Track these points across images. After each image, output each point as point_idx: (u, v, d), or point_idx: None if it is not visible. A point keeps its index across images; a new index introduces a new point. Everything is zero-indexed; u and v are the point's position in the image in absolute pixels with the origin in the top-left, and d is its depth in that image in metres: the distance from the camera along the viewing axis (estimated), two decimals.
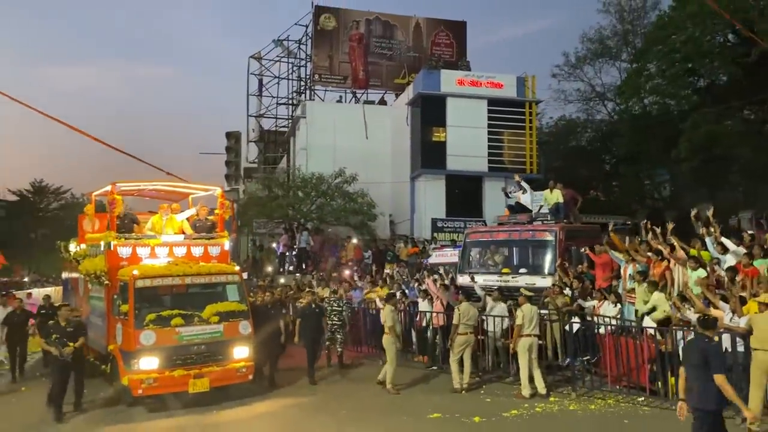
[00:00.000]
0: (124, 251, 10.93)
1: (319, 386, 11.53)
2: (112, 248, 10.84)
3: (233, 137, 24.37)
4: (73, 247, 13.94)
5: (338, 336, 12.85)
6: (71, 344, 9.64)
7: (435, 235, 23.15)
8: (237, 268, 11.59)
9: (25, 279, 40.13)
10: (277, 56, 36.21)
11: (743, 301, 8.84)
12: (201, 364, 9.97)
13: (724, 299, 9.17)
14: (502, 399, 10.08)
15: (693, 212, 11.82)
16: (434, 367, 12.38)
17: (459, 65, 27.81)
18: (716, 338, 6.68)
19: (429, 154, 25.52)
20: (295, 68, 35.96)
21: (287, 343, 12.33)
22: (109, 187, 11.43)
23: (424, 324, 12.98)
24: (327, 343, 12.83)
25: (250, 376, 10.55)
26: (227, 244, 12.00)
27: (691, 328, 9.17)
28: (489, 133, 25.63)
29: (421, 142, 25.71)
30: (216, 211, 12.30)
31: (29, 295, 18.09)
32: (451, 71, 26.25)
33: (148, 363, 9.67)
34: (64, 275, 15.60)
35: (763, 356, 7.53)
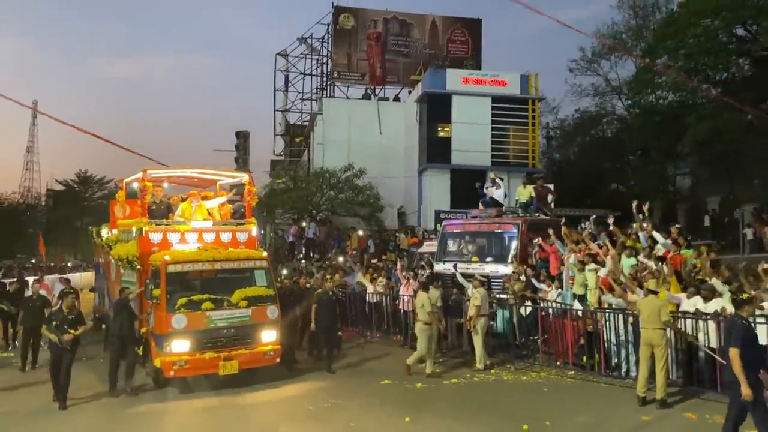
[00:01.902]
0: (156, 237, 11.19)
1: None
2: (143, 234, 11.16)
3: (242, 136, 26.32)
4: (105, 232, 14.38)
5: None
6: (72, 331, 9.58)
7: (438, 226, 24.49)
8: (264, 253, 11.87)
9: (69, 264, 42.89)
10: (302, 53, 37.96)
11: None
12: (230, 347, 10.20)
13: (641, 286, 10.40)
14: (451, 371, 11.49)
15: (634, 203, 12.88)
16: (406, 345, 13.81)
17: (465, 64, 28.97)
18: (751, 318, 7.09)
19: (435, 150, 26.93)
20: (318, 65, 37.70)
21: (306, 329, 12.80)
22: (140, 174, 11.80)
23: (400, 306, 14.45)
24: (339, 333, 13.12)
25: (278, 359, 10.78)
26: (255, 230, 12.29)
27: (611, 311, 10.51)
28: (492, 129, 26.90)
29: (427, 138, 27.12)
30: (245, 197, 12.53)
31: (61, 279, 19.78)
32: (456, 70, 27.55)
33: (180, 345, 9.93)
34: (96, 260, 16.16)
35: (645, 333, 8.78)
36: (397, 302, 14.61)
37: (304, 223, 24.14)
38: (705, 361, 9.33)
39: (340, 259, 19.86)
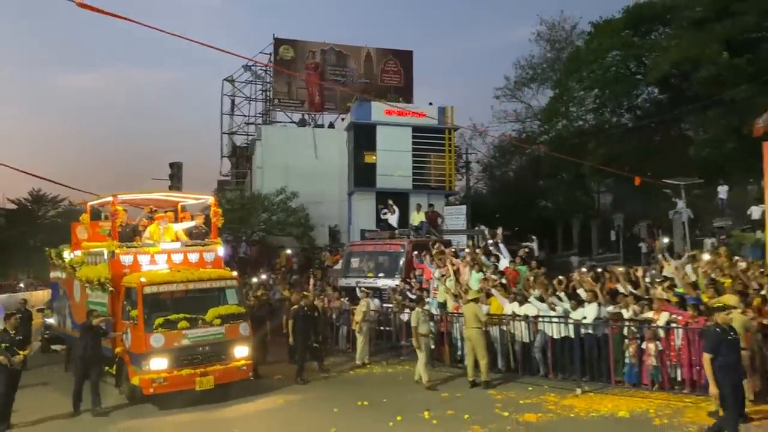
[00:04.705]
0: (127, 259, 11.63)
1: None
2: (115, 257, 11.64)
3: (176, 167, 28.42)
4: (67, 254, 14.38)
5: None
6: (21, 352, 9.68)
7: None
8: (234, 273, 12.42)
9: (21, 285, 43.68)
10: (247, 80, 40.42)
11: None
12: (206, 363, 10.74)
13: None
14: (339, 366, 13.99)
15: (487, 230, 15.76)
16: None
17: (388, 97, 31.80)
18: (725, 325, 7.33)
19: (362, 174, 29.75)
20: (261, 92, 40.16)
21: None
22: (110, 198, 12.20)
23: None
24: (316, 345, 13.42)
25: (250, 374, 11.52)
26: (221, 251, 12.86)
27: (456, 315, 13.21)
28: (413, 155, 29.85)
29: (355, 164, 29.92)
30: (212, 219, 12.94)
31: None
32: (380, 103, 30.40)
33: (159, 363, 10.39)
34: (54, 280, 15.98)
35: (467, 332, 11.48)
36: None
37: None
38: (520, 353, 12.13)
39: (263, 276, 22.25)
